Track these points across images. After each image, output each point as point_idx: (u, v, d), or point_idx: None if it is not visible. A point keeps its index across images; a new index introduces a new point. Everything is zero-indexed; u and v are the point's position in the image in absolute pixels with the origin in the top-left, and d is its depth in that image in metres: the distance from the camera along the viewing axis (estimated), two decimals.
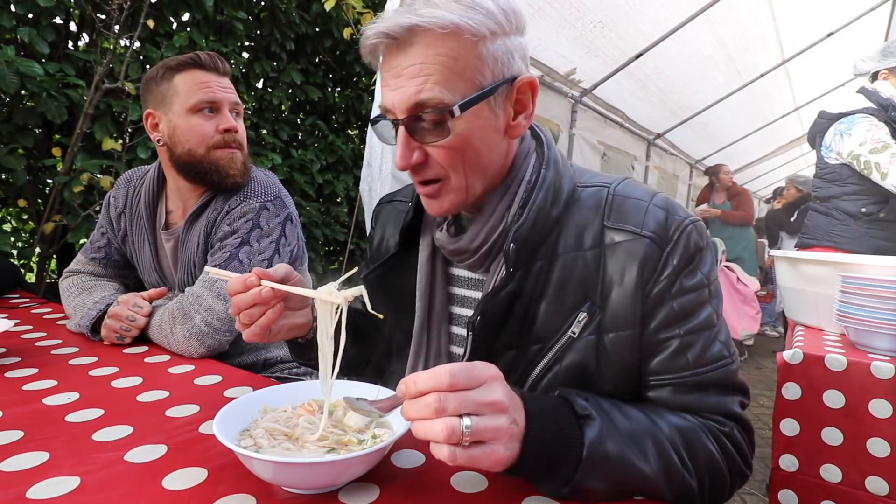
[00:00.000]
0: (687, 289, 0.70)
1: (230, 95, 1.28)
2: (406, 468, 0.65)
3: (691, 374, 0.69)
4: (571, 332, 0.71)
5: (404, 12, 0.65)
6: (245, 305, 0.74)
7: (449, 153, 0.70)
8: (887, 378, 1.19)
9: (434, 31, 0.64)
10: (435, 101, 0.66)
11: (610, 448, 0.58)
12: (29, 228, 3.05)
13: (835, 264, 1.50)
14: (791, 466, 1.31)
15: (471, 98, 0.66)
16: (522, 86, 0.71)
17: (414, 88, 0.66)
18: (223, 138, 1.25)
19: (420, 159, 0.70)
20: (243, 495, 0.58)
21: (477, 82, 0.67)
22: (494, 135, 0.71)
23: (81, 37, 2.79)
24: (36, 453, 0.66)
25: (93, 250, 1.42)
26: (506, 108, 0.71)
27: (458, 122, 0.67)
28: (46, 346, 1.13)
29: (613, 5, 3.44)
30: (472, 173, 0.72)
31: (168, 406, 0.83)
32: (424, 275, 0.84)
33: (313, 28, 3.78)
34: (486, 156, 0.72)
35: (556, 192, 0.75)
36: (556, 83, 3.99)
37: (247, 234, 1.22)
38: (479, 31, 0.65)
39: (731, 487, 0.70)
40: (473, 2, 0.66)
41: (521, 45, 0.72)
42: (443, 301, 0.84)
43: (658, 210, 0.72)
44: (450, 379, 0.51)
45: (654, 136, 5.94)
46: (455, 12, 0.64)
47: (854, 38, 4.75)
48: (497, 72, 0.68)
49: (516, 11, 0.70)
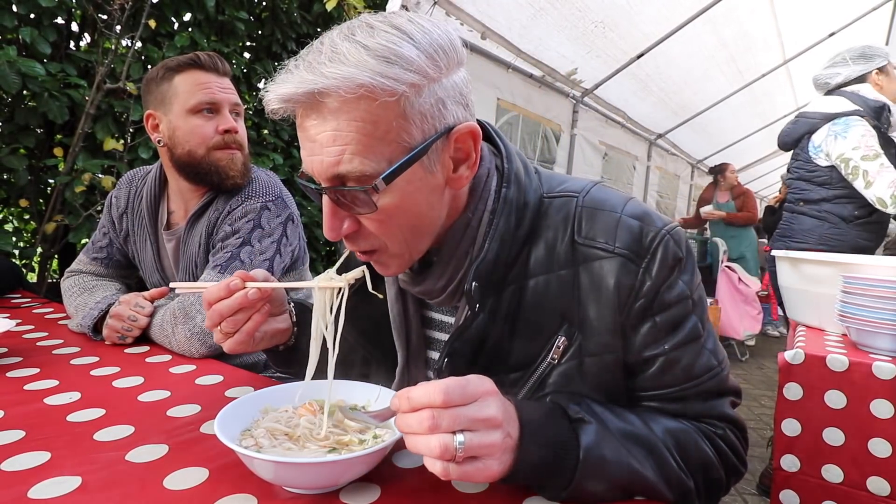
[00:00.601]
0: (669, 303, 0.66)
1: (230, 96, 1.27)
2: (407, 468, 0.65)
3: (680, 390, 0.68)
4: (551, 359, 0.68)
5: (306, 70, 0.55)
6: (229, 311, 0.71)
7: (382, 223, 0.62)
8: (889, 378, 1.18)
9: (342, 94, 0.54)
10: (356, 175, 0.58)
11: (605, 449, 0.58)
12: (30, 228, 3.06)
13: (836, 264, 1.49)
14: (792, 467, 1.30)
15: (397, 165, 0.58)
16: (461, 135, 0.62)
17: (331, 159, 0.57)
18: (223, 139, 1.24)
19: (351, 229, 0.63)
20: (244, 495, 0.58)
21: (404, 144, 0.58)
22: (432, 194, 0.63)
23: (83, 37, 2.79)
24: (37, 453, 0.67)
25: (95, 250, 1.42)
26: (444, 161, 0.62)
27: (387, 192, 0.59)
28: (48, 346, 1.13)
29: (615, 5, 3.43)
30: (412, 238, 0.65)
31: (169, 406, 0.83)
32: (396, 314, 0.78)
33: (315, 28, 3.78)
34: (426, 216, 0.64)
35: (521, 210, 0.69)
36: (558, 83, 3.99)
37: (248, 234, 1.22)
38: (397, 90, 0.55)
39: (727, 484, 0.70)
40: (390, 51, 0.55)
41: (455, 86, 0.61)
42: (419, 340, 0.79)
43: (631, 221, 0.67)
44: (444, 396, 0.50)
45: (656, 137, 5.93)
46: (366, 69, 0.54)
47: (855, 39, 4.74)
48: (427, 128, 0.59)
49: (446, 48, 0.60)
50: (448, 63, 0.60)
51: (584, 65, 3.93)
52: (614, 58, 4.00)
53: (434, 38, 0.59)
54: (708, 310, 0.73)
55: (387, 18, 0.59)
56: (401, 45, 0.56)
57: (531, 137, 3.90)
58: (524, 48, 3.44)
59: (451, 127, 0.61)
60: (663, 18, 3.76)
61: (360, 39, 0.56)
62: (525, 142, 3.83)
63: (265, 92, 0.58)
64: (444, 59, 0.60)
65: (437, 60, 0.59)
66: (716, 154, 7.37)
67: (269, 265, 1.22)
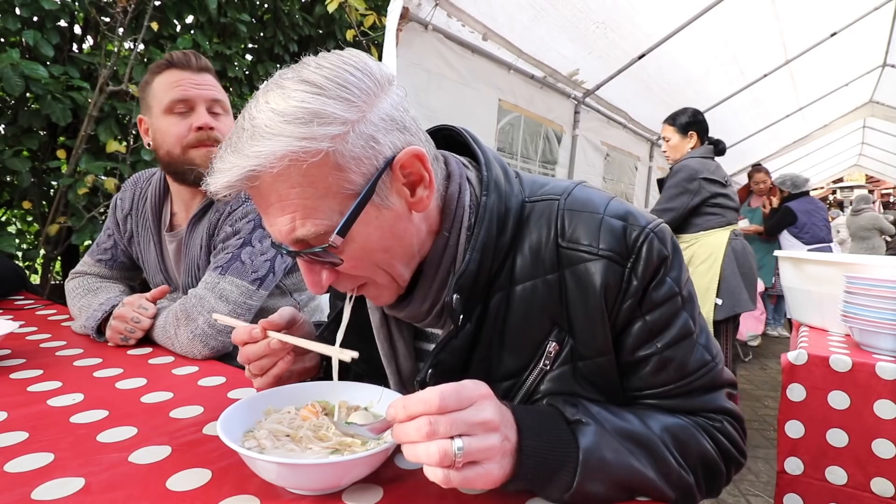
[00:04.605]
0: (657, 301, 0.66)
1: (205, 92, 1.23)
2: (410, 469, 0.65)
3: (675, 387, 0.68)
4: (543, 365, 0.68)
5: (234, 154, 0.56)
6: (255, 357, 0.73)
7: (355, 267, 0.63)
8: (892, 379, 1.18)
9: (271, 170, 0.54)
10: (311, 237, 0.58)
11: (605, 450, 0.58)
12: (34, 230, 3.07)
13: (839, 265, 1.49)
14: (796, 469, 1.30)
15: (348, 216, 0.57)
16: (405, 162, 0.61)
17: (285, 227, 0.58)
18: (196, 136, 1.21)
19: (330, 280, 0.64)
20: (247, 496, 0.58)
21: (348, 192, 0.58)
22: (398, 223, 0.63)
23: (86, 39, 2.81)
24: (41, 454, 0.67)
25: (99, 252, 1.43)
26: (397, 191, 0.62)
27: (348, 241, 0.59)
28: (51, 348, 1.14)
29: (616, 6, 3.43)
30: (392, 267, 0.65)
31: (172, 407, 0.83)
32: (383, 339, 0.77)
33: (316, 30, 3.79)
34: (399, 246, 0.64)
35: (503, 218, 0.68)
36: (559, 84, 3.99)
37: (249, 235, 1.22)
38: (319, 148, 0.54)
39: (727, 476, 0.70)
40: (304, 111, 0.54)
41: (382, 116, 0.59)
42: (409, 362, 0.78)
43: (614, 221, 0.66)
44: (439, 402, 0.49)
45: (658, 137, 5.92)
46: (283, 139, 0.53)
47: (857, 38, 4.73)
48: (366, 169, 0.58)
49: (359, 84, 0.58)
50: (367, 98, 0.58)
51: (586, 65, 3.93)
52: (616, 58, 3.99)
53: (344, 79, 0.57)
54: (698, 306, 0.73)
55: (297, 73, 0.58)
56: (311, 102, 0.55)
57: (533, 138, 3.90)
58: (526, 49, 3.44)
59: (390, 158, 0.60)
60: (665, 19, 3.76)
61: (274, 106, 0.55)
62: (527, 142, 3.83)
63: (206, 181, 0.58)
64: (361, 97, 0.58)
65: (353, 101, 0.57)
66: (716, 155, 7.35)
67: (271, 265, 1.22)
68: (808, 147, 8.50)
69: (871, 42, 5.04)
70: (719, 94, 5.28)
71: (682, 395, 0.69)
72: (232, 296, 1.16)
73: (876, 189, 17.13)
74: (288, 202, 0.57)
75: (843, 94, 6.35)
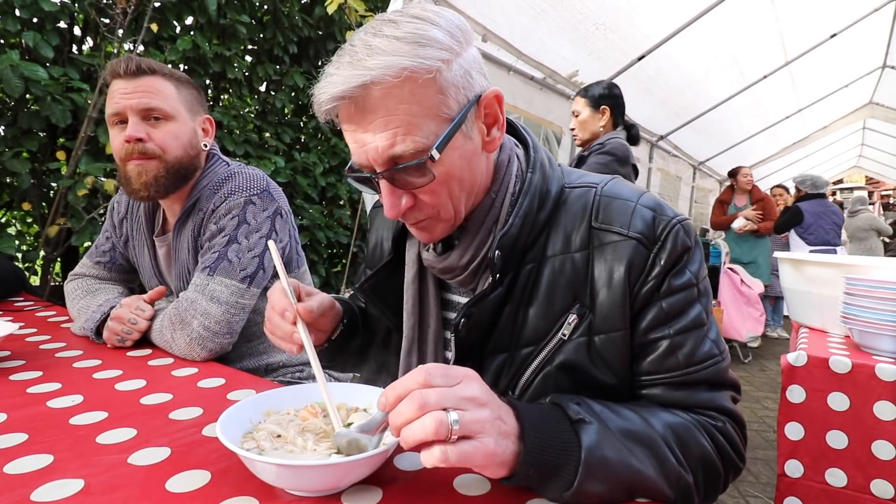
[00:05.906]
0: (675, 288, 0.70)
1: (133, 101, 1.15)
2: (409, 470, 0.65)
3: (682, 374, 0.70)
4: (562, 335, 0.71)
5: (350, 68, 0.61)
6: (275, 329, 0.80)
7: (436, 192, 0.69)
8: (892, 380, 1.18)
9: (388, 80, 0.61)
10: (410, 152, 0.64)
11: (607, 449, 0.58)
12: (33, 232, 3.07)
13: (839, 266, 1.49)
14: (796, 472, 1.30)
15: (445, 135, 0.64)
16: (488, 101, 0.69)
17: (385, 143, 0.63)
18: (126, 150, 1.16)
19: (409, 204, 0.69)
20: (246, 498, 0.58)
21: (445, 116, 0.65)
22: (474, 157, 0.70)
23: (86, 41, 2.81)
24: (40, 456, 0.67)
25: (98, 254, 1.43)
26: (478, 126, 0.70)
27: (439, 161, 0.65)
28: (51, 349, 1.14)
29: (615, 7, 3.44)
30: (459, 201, 0.71)
31: (171, 409, 0.83)
32: (412, 295, 0.83)
33: (316, 31, 3.80)
34: (471, 179, 0.71)
35: (544, 196, 0.74)
36: (559, 85, 4.00)
37: (234, 231, 1.19)
38: (433, 67, 0.62)
39: (725, 480, 0.71)
40: (419, 36, 0.62)
41: (474, 57, 0.69)
42: (437, 323, 0.84)
43: (645, 210, 0.72)
44: (425, 377, 0.52)
45: (658, 138, 5.93)
46: (404, 55, 0.60)
47: (857, 40, 4.74)
48: (461, 97, 0.66)
49: (461, 26, 0.67)
50: (465, 39, 0.67)
51: (585, 67, 3.94)
52: (615, 60, 4.00)
53: (449, 19, 0.67)
54: (712, 303, 0.75)
55: (405, 12, 0.65)
56: (427, 30, 0.63)
57: None
58: (525, 50, 3.44)
59: (479, 94, 0.68)
60: (664, 20, 3.76)
61: (389, 33, 0.62)
62: None
63: (315, 94, 0.64)
64: (462, 36, 0.67)
65: (458, 37, 0.66)
66: (717, 156, 7.37)
67: (259, 262, 1.19)
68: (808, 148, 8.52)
69: (870, 43, 5.05)
70: (719, 95, 5.29)
71: (687, 385, 0.70)
72: (223, 296, 1.14)
73: (876, 190, 17.14)
74: (394, 117, 0.62)
75: (842, 95, 6.36)
